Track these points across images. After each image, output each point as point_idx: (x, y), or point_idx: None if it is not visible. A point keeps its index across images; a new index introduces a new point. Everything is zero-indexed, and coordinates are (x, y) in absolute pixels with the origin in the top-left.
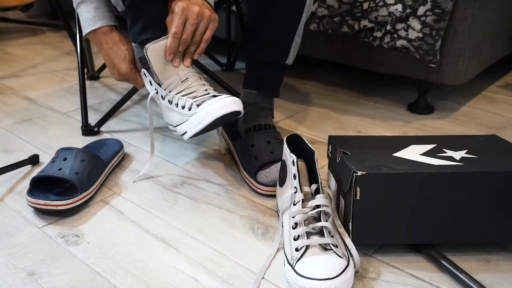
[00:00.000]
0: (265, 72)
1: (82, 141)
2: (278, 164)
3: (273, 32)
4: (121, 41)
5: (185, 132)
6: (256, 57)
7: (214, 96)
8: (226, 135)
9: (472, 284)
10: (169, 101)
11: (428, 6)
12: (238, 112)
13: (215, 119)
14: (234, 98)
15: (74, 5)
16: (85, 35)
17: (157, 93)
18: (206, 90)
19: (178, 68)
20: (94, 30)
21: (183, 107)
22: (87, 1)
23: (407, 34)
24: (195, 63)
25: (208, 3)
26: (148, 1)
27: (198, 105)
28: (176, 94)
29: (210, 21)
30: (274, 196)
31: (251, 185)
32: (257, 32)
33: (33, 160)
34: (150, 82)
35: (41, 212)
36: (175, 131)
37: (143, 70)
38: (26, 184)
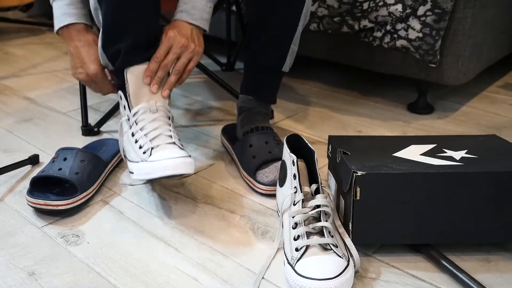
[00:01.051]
0: (261, 79)
1: (82, 141)
2: (277, 163)
3: (269, 40)
4: (95, 42)
5: (132, 173)
6: (253, 63)
7: (174, 143)
8: (225, 140)
9: (472, 284)
10: (132, 133)
11: (428, 6)
12: (186, 174)
13: (161, 176)
14: (187, 159)
15: (50, 2)
16: (57, 32)
17: (128, 120)
18: (170, 130)
19: (153, 96)
20: (66, 26)
21: (141, 147)
22: None
23: (407, 34)
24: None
25: (203, 29)
26: (136, 64)
27: (151, 152)
28: (141, 129)
29: (194, 54)
30: (274, 195)
31: (251, 184)
32: (255, 39)
33: (33, 160)
34: (124, 106)
35: (41, 212)
36: (126, 162)
37: (120, 92)
38: (26, 184)
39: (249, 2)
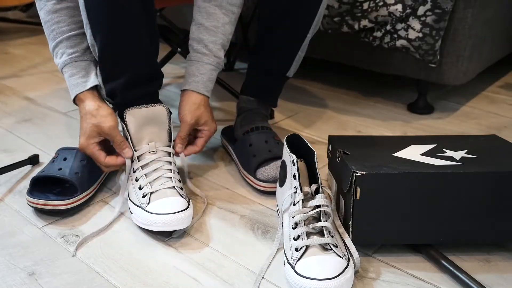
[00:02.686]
0: (265, 82)
1: None
2: (278, 162)
3: (278, 46)
4: (90, 113)
5: (132, 214)
6: (258, 66)
7: (173, 188)
8: (225, 141)
9: (472, 284)
10: (133, 169)
11: (428, 6)
12: (182, 229)
13: (157, 231)
14: (184, 214)
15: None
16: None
17: (132, 161)
18: (170, 171)
19: (153, 137)
20: (74, 99)
21: (140, 188)
22: (63, 72)
23: (407, 34)
24: None
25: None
26: (133, 99)
27: (150, 198)
28: (141, 166)
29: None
30: (274, 193)
31: (251, 182)
32: (263, 43)
33: (33, 160)
34: (127, 138)
35: (41, 212)
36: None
37: (121, 123)
38: (26, 184)
39: (262, 8)
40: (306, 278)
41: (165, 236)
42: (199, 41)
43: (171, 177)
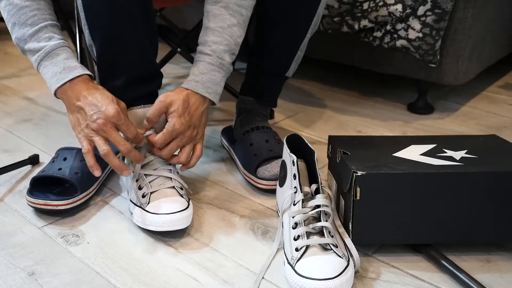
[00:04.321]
0: (264, 82)
1: None
2: (278, 161)
3: (276, 46)
4: (104, 89)
5: (132, 214)
6: (256, 66)
7: (173, 188)
8: (225, 141)
9: (472, 284)
10: (133, 170)
11: (428, 6)
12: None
13: (157, 231)
14: (184, 214)
15: (35, 66)
16: (56, 92)
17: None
18: (170, 171)
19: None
20: (71, 80)
21: (140, 188)
22: (52, 54)
23: (407, 34)
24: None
25: (213, 102)
26: (135, 98)
27: (150, 198)
28: (141, 166)
29: (198, 140)
30: (274, 192)
31: (251, 181)
32: (261, 43)
33: (33, 160)
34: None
35: (41, 212)
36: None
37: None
38: (26, 184)
39: (261, 7)
40: (306, 278)
41: (165, 236)
42: (203, 43)
43: (170, 177)
